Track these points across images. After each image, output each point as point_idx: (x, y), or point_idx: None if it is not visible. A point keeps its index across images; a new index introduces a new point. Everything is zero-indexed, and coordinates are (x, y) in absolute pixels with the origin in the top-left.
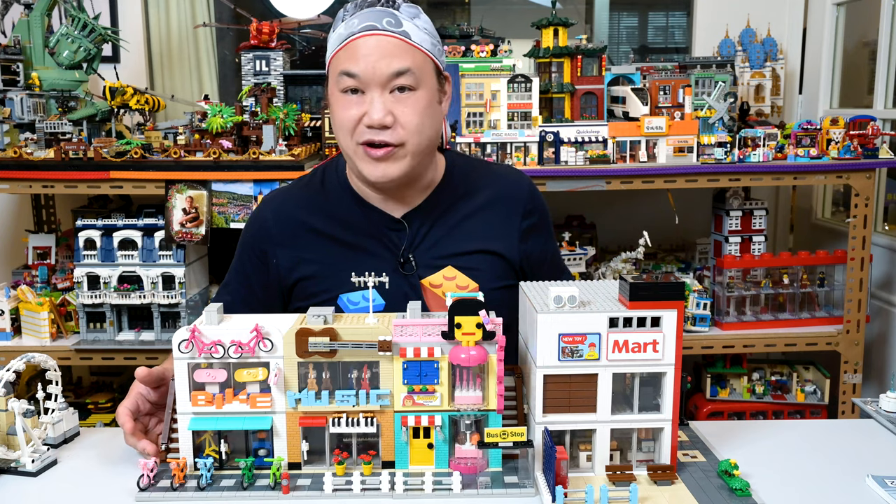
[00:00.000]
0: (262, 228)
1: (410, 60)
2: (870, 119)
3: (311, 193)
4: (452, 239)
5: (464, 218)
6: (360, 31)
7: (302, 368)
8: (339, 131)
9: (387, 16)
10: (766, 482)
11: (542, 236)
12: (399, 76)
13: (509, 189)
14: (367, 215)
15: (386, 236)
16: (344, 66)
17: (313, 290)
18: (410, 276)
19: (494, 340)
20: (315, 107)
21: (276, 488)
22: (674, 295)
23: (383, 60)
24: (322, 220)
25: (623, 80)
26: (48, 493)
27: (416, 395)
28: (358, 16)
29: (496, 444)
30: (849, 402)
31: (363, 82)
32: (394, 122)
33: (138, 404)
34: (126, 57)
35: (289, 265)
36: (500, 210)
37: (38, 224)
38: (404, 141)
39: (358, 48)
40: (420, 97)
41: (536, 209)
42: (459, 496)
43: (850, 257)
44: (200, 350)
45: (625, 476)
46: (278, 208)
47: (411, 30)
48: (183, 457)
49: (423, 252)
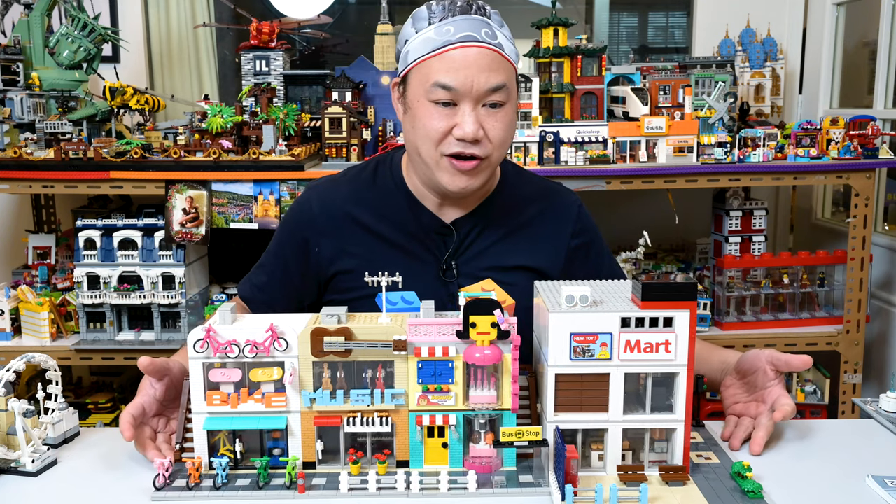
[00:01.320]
0: (307, 215)
1: (505, 75)
2: (870, 119)
3: (361, 187)
4: (497, 251)
5: (511, 231)
6: (460, 41)
7: (317, 368)
8: (421, 140)
9: (484, 26)
10: (766, 482)
11: (591, 257)
12: (494, 92)
13: (559, 207)
14: (418, 217)
15: (433, 240)
16: (439, 77)
17: (350, 284)
18: (450, 284)
19: (509, 340)
20: (315, 107)
21: (292, 487)
22: (686, 295)
23: (482, 75)
24: (370, 216)
25: (623, 80)
26: (48, 493)
27: (430, 395)
28: (453, 23)
29: (511, 443)
30: (849, 402)
31: (458, 95)
32: (483, 136)
33: (144, 408)
34: (126, 57)
35: (330, 256)
36: (548, 227)
37: (38, 224)
38: (490, 154)
39: (456, 59)
40: (508, 112)
41: (586, 229)
42: (475, 495)
43: (850, 257)
44: (215, 350)
45: (636, 476)
46: (325, 197)
47: (503, 41)
48: (198, 456)
49: (466, 261)
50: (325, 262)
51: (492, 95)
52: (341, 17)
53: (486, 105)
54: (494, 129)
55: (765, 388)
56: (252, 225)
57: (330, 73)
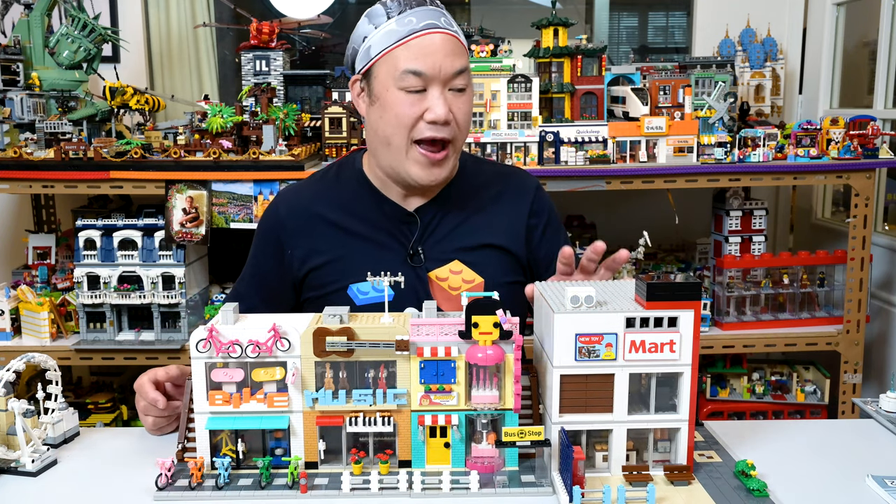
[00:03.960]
0: (276, 221)
1: (466, 60)
2: (870, 119)
3: (325, 186)
4: (460, 233)
5: (472, 213)
6: (423, 28)
7: (319, 368)
8: (392, 128)
9: (442, 15)
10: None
11: (549, 236)
12: (458, 75)
13: (516, 187)
14: (381, 208)
15: (398, 229)
16: (408, 64)
17: (323, 279)
18: (418, 269)
19: (511, 340)
20: (315, 107)
21: (294, 487)
22: (691, 295)
23: (448, 59)
24: (335, 212)
25: (623, 80)
26: (48, 493)
27: (432, 395)
28: (413, 14)
29: (513, 443)
30: (849, 402)
31: (427, 80)
32: (452, 118)
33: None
34: (126, 57)
35: (302, 256)
36: (506, 206)
37: (38, 224)
38: (456, 138)
39: (423, 46)
40: (468, 96)
41: (543, 209)
42: (477, 495)
43: (850, 257)
44: (218, 349)
45: (641, 476)
46: (292, 201)
47: (458, 31)
48: (200, 456)
49: (431, 245)
50: (298, 262)
51: (456, 79)
52: (341, 17)
53: (451, 90)
54: (460, 111)
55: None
56: (252, 225)
57: (330, 73)
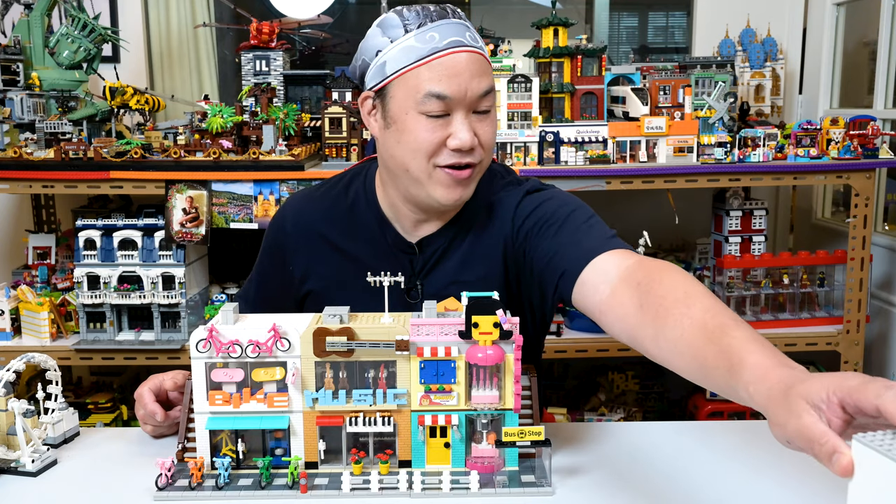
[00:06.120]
0: (282, 233)
1: (492, 79)
2: (870, 119)
3: (334, 202)
4: (459, 267)
5: (470, 244)
6: (447, 46)
7: (319, 368)
8: (411, 154)
9: (466, 30)
10: (766, 482)
11: (539, 239)
12: (485, 97)
13: (500, 217)
14: (385, 234)
15: (398, 260)
16: (432, 87)
17: (318, 306)
18: (415, 304)
19: (511, 340)
20: (315, 107)
21: (294, 487)
22: None
23: (474, 80)
24: (339, 234)
25: (623, 80)
26: (48, 494)
27: (432, 395)
28: (436, 28)
29: (514, 443)
30: None
31: (451, 104)
32: (476, 143)
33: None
34: (126, 57)
35: (301, 276)
36: (495, 237)
37: (38, 224)
38: (482, 160)
39: (446, 67)
40: (493, 116)
41: (523, 222)
42: (478, 495)
43: (850, 257)
44: (218, 349)
45: None
46: (298, 213)
47: (483, 46)
48: (200, 456)
49: (430, 281)
50: (298, 281)
51: (483, 101)
52: (341, 17)
53: (476, 112)
54: (485, 134)
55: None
56: (252, 225)
57: (330, 73)
